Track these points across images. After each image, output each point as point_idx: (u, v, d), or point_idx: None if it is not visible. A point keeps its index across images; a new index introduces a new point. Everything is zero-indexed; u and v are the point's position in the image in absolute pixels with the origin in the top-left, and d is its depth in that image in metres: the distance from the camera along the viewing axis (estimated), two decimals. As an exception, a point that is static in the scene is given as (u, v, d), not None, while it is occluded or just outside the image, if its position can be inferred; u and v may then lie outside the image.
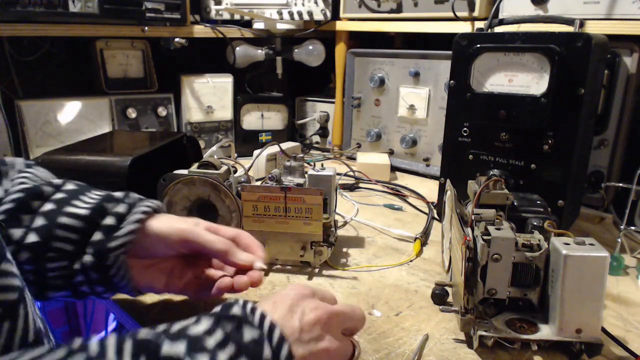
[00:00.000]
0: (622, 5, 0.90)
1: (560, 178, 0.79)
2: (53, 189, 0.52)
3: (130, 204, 0.53)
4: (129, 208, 0.53)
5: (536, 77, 0.77)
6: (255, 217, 0.73)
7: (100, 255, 0.50)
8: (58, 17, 1.03)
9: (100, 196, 0.53)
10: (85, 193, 0.53)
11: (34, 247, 0.48)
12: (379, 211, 1.02)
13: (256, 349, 0.37)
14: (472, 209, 0.62)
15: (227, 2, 1.33)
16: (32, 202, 0.50)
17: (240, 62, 1.38)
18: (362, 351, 0.55)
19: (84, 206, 0.51)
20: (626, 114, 0.97)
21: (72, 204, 0.51)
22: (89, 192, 0.54)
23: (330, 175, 0.77)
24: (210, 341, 0.36)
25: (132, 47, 1.26)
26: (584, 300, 0.52)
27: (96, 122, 1.18)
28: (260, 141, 1.41)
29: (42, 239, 0.48)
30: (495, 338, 0.54)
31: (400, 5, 1.23)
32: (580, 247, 0.53)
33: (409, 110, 1.25)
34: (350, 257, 0.80)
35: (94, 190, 0.55)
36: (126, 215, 0.52)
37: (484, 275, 0.56)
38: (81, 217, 0.50)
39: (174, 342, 0.35)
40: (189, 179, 0.73)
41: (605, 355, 0.55)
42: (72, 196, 0.52)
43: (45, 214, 0.50)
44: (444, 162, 0.93)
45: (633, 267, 0.78)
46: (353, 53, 1.35)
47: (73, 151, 0.80)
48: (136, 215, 0.52)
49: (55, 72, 1.30)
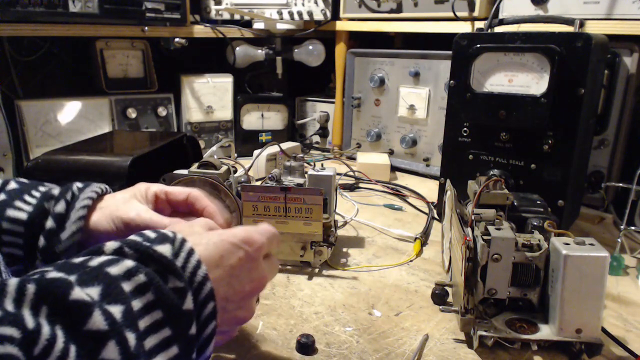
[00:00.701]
0: (622, 5, 0.90)
1: (560, 178, 0.79)
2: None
3: (68, 200, 0.50)
4: (68, 205, 0.49)
5: (536, 77, 0.77)
6: (255, 217, 0.73)
7: (51, 259, 0.47)
8: (58, 17, 1.03)
9: (40, 194, 0.50)
10: (29, 191, 0.50)
11: None
12: (379, 211, 1.02)
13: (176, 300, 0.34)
14: (472, 209, 0.62)
15: (227, 2, 1.33)
16: None
17: (240, 62, 1.38)
18: (362, 351, 0.55)
19: (25, 208, 0.48)
20: (626, 114, 0.97)
21: (14, 206, 0.48)
22: (32, 190, 0.50)
23: (330, 175, 0.77)
24: (128, 285, 0.31)
25: (132, 47, 1.26)
26: (584, 300, 0.52)
27: (96, 122, 1.18)
28: (260, 141, 1.41)
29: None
30: (495, 338, 0.54)
31: (400, 5, 1.23)
32: (580, 247, 0.53)
33: (409, 110, 1.25)
34: (350, 257, 0.80)
35: (39, 186, 0.52)
36: (66, 214, 0.49)
37: (484, 275, 0.56)
38: (21, 222, 0.48)
39: (86, 286, 0.30)
40: (189, 179, 0.73)
41: (605, 355, 0.55)
42: (14, 197, 0.49)
43: None
44: (444, 162, 0.93)
45: (633, 267, 0.78)
46: (353, 53, 1.35)
47: (73, 151, 0.80)
48: (76, 213, 0.49)
49: (55, 72, 1.30)
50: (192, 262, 0.36)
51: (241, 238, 0.42)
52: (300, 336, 0.56)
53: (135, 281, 0.32)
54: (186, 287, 0.35)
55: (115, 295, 0.30)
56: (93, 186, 0.52)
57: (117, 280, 0.31)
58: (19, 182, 0.52)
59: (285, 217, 0.72)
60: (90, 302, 0.28)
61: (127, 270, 0.32)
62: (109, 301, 0.30)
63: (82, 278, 0.30)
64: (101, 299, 0.29)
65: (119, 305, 0.30)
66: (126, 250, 0.34)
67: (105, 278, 0.31)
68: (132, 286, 0.32)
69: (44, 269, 0.31)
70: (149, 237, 0.37)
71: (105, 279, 0.31)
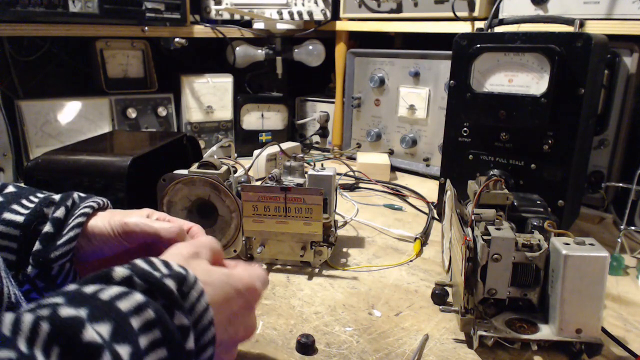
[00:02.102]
0: (622, 5, 0.90)
1: (560, 178, 0.79)
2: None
3: (68, 206, 0.49)
4: (67, 212, 0.49)
5: (536, 77, 0.77)
6: (255, 217, 0.73)
7: (44, 265, 0.47)
8: (58, 17, 1.03)
9: (39, 199, 0.49)
10: (27, 196, 0.50)
11: None
12: (379, 211, 1.02)
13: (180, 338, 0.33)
14: (472, 209, 0.62)
15: (227, 2, 1.33)
16: None
17: (240, 62, 1.38)
18: (362, 351, 0.55)
19: (22, 211, 0.48)
20: (626, 114, 0.97)
21: (10, 209, 0.47)
22: (30, 195, 0.50)
23: (330, 175, 0.77)
24: (136, 322, 0.31)
25: (132, 47, 1.26)
26: (584, 300, 0.52)
27: (96, 122, 1.18)
28: (260, 141, 1.41)
29: None
30: (495, 338, 0.54)
31: (400, 5, 1.23)
32: (580, 247, 0.53)
33: (409, 110, 1.25)
34: (350, 257, 0.80)
35: (37, 192, 0.51)
36: (65, 220, 0.48)
37: (484, 275, 0.56)
38: (17, 225, 0.47)
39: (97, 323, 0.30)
40: (189, 179, 0.73)
41: (605, 355, 0.55)
42: (11, 200, 0.48)
43: None
44: (444, 162, 0.93)
45: (633, 267, 0.78)
46: (353, 53, 1.35)
47: (73, 151, 0.80)
48: (76, 219, 0.48)
49: (55, 72, 1.30)
50: (201, 304, 0.36)
51: (245, 285, 0.42)
52: (300, 336, 0.56)
53: (144, 317, 0.32)
54: (191, 328, 0.34)
55: (125, 334, 0.30)
56: (94, 197, 0.52)
57: (127, 317, 0.31)
58: (17, 187, 0.51)
59: (285, 217, 0.72)
60: (101, 343, 0.28)
61: (137, 306, 0.32)
62: (118, 340, 0.30)
63: (93, 314, 0.30)
64: (111, 339, 0.29)
65: (127, 345, 0.30)
66: (136, 280, 0.34)
67: (116, 315, 0.31)
68: (141, 323, 0.31)
69: (56, 301, 0.30)
70: (160, 269, 0.36)
71: (115, 316, 0.31)
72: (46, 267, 0.47)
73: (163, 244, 0.49)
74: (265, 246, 0.74)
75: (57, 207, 0.49)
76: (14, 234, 0.47)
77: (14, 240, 0.47)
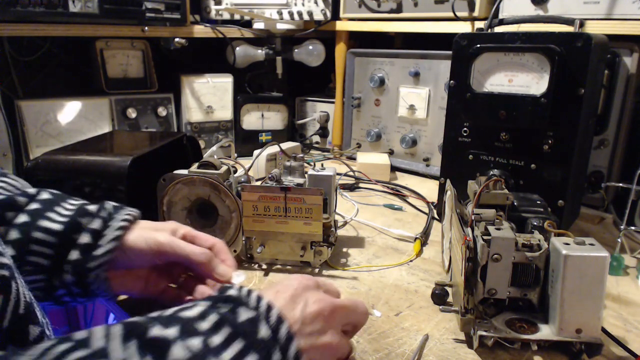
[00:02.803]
0: (622, 5, 0.90)
1: (560, 178, 0.79)
2: (27, 199, 0.52)
3: (105, 218, 0.53)
4: (104, 223, 0.52)
5: (536, 77, 0.77)
6: (255, 217, 0.73)
7: (81, 274, 0.50)
8: (58, 17, 1.03)
9: (75, 208, 0.53)
10: (60, 203, 0.53)
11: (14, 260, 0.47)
12: (379, 211, 1.02)
13: (252, 329, 0.36)
14: (472, 209, 0.62)
15: (227, 2, 1.33)
16: (6, 214, 0.49)
17: (240, 62, 1.38)
18: (362, 351, 0.55)
19: (58, 219, 0.51)
20: (626, 114, 0.97)
21: (47, 217, 0.50)
22: (63, 203, 0.53)
23: (330, 175, 0.77)
24: (203, 324, 0.35)
25: (132, 47, 1.26)
26: (584, 300, 0.52)
27: (96, 122, 1.18)
28: (260, 141, 1.41)
29: (17, 252, 0.48)
30: (495, 338, 0.54)
31: (400, 5, 1.23)
32: (580, 247, 0.53)
33: (409, 110, 1.25)
34: (350, 257, 0.80)
35: (69, 199, 0.54)
36: (102, 231, 0.52)
37: (484, 275, 0.56)
38: (55, 233, 0.50)
39: (165, 325, 0.33)
40: (189, 179, 0.73)
41: (605, 355, 0.55)
42: (47, 207, 0.51)
43: (19, 226, 0.49)
44: (444, 162, 0.93)
45: (633, 267, 0.78)
46: (353, 53, 1.35)
47: (73, 151, 0.80)
48: (113, 232, 0.52)
49: (55, 72, 1.30)
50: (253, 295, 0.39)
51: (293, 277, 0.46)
52: (300, 336, 0.56)
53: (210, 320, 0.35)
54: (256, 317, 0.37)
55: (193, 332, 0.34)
56: (127, 209, 0.56)
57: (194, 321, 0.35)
58: (51, 193, 0.54)
59: (285, 217, 0.72)
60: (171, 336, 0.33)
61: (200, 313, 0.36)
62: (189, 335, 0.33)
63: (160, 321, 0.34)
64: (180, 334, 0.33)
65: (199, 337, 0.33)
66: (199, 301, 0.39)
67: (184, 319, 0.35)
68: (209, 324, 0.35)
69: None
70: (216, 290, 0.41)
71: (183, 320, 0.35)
72: (83, 276, 0.50)
73: (192, 265, 0.55)
74: (265, 246, 0.74)
75: (93, 218, 0.52)
76: (50, 241, 0.50)
77: (49, 247, 0.49)
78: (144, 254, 0.53)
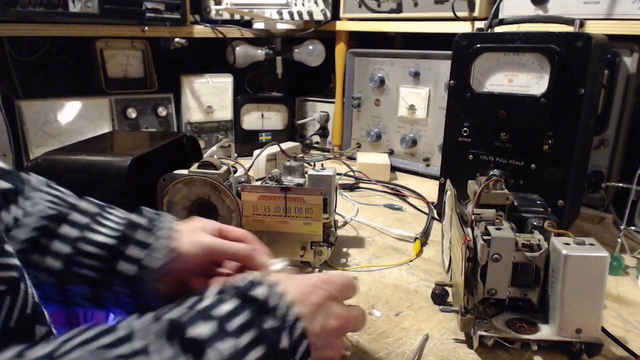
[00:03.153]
0: (622, 5, 0.90)
1: (560, 178, 0.79)
2: (71, 210, 0.52)
3: (150, 227, 0.54)
4: (153, 234, 0.53)
5: (536, 77, 0.77)
6: (255, 217, 0.73)
7: (135, 285, 0.51)
8: (58, 17, 1.03)
9: (120, 220, 0.53)
10: (104, 215, 0.53)
11: (58, 272, 0.48)
12: (379, 211, 1.02)
13: (275, 338, 0.37)
14: (472, 209, 0.62)
15: (227, 2, 1.33)
16: (54, 227, 0.50)
17: (240, 62, 1.38)
18: (362, 351, 0.55)
19: (109, 233, 0.51)
20: (626, 114, 0.97)
21: (95, 230, 0.51)
22: (106, 214, 0.54)
23: (330, 175, 0.77)
24: (232, 324, 0.36)
25: (132, 47, 1.26)
26: (584, 300, 0.52)
27: (96, 122, 1.18)
28: (260, 141, 1.41)
29: (65, 265, 0.49)
30: (495, 338, 0.54)
31: (400, 5, 1.23)
32: (580, 247, 0.53)
33: (409, 110, 1.25)
34: (350, 257, 0.80)
35: (109, 209, 0.55)
36: (152, 243, 0.52)
37: (484, 275, 0.56)
38: (106, 246, 0.50)
39: (199, 323, 0.35)
40: (189, 179, 0.73)
41: (605, 355, 0.55)
42: (93, 219, 0.52)
43: (68, 240, 0.50)
44: (444, 162, 0.93)
45: (633, 267, 0.78)
46: (353, 53, 1.35)
47: (73, 151, 0.80)
48: (165, 242, 0.52)
49: (55, 72, 1.30)
50: (283, 303, 0.40)
51: (320, 279, 0.46)
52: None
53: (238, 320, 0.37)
54: (281, 327, 0.38)
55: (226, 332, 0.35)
56: (168, 216, 0.57)
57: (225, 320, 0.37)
58: (91, 202, 0.54)
59: (285, 217, 0.72)
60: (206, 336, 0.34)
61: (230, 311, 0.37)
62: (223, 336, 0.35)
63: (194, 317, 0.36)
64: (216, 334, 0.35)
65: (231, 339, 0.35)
66: (227, 289, 0.40)
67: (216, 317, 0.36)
68: (237, 324, 0.36)
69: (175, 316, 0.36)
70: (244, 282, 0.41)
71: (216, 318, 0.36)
72: (137, 287, 0.51)
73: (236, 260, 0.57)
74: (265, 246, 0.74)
75: (141, 229, 0.53)
76: (101, 254, 0.50)
77: (99, 260, 0.50)
78: (194, 259, 0.54)
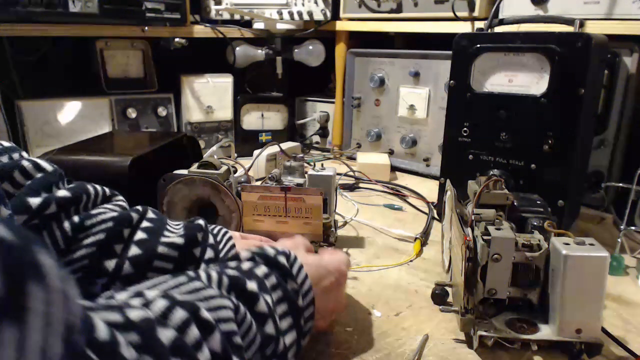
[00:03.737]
0: (622, 5, 0.90)
1: (560, 178, 0.79)
2: (139, 216, 0.53)
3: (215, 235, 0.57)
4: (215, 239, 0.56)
5: (536, 77, 0.77)
6: (255, 217, 0.73)
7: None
8: (58, 17, 1.03)
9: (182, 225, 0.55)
10: (167, 222, 0.55)
11: (128, 278, 0.49)
12: (379, 211, 1.02)
13: (294, 298, 0.45)
14: (472, 209, 0.62)
15: (227, 2, 1.33)
16: (123, 230, 0.50)
17: (240, 62, 1.38)
18: (362, 351, 0.55)
19: (178, 234, 0.53)
20: (626, 114, 0.97)
21: (164, 234, 0.53)
22: (168, 220, 0.56)
23: (330, 175, 0.77)
24: (268, 283, 0.43)
25: (132, 47, 1.26)
26: (584, 300, 0.52)
27: (96, 122, 1.18)
28: (260, 141, 1.41)
29: (136, 269, 0.49)
30: (495, 338, 0.54)
31: (400, 5, 1.23)
32: (580, 247, 0.53)
33: (409, 110, 1.25)
34: (350, 257, 0.80)
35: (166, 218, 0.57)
36: (217, 245, 0.56)
37: (484, 275, 0.56)
38: (178, 247, 0.52)
39: (250, 280, 0.42)
40: (189, 179, 0.73)
41: (605, 355, 0.55)
42: (160, 225, 0.54)
43: (138, 243, 0.50)
44: (444, 162, 0.93)
45: (633, 267, 0.78)
46: (353, 53, 1.35)
47: (73, 151, 0.80)
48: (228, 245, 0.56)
49: (55, 72, 1.30)
50: (302, 274, 0.47)
51: (334, 266, 0.53)
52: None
53: (270, 281, 0.44)
54: (299, 290, 0.46)
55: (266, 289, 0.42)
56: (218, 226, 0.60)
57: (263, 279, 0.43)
58: (153, 211, 0.56)
59: (285, 217, 0.72)
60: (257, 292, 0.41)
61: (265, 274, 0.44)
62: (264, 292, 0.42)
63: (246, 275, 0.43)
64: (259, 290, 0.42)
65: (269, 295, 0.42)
66: (257, 259, 0.46)
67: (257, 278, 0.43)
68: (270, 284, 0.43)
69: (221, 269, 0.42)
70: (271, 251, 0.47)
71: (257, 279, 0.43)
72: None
73: None
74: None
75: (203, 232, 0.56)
76: (173, 255, 0.52)
77: (171, 262, 0.52)
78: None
